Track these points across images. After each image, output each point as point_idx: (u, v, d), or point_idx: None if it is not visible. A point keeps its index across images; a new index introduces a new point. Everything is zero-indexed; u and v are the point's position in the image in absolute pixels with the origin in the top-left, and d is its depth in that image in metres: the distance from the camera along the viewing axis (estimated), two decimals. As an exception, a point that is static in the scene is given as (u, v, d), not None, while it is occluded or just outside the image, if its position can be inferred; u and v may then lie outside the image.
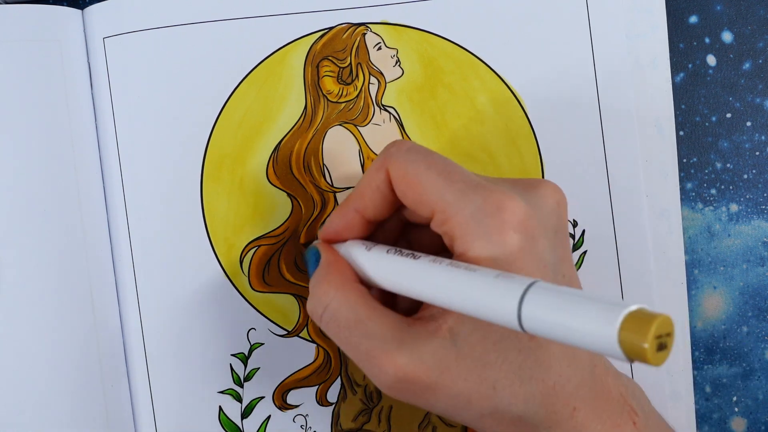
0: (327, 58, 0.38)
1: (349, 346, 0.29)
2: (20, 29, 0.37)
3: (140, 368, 0.38)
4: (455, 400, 0.28)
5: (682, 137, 0.40)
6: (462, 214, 0.28)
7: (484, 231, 0.27)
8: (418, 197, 0.29)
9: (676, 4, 0.40)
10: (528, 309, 0.23)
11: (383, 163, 0.30)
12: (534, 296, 0.23)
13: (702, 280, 0.40)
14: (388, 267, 0.29)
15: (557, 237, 0.29)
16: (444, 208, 0.28)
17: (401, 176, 0.30)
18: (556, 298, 0.22)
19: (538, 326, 0.23)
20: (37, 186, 0.37)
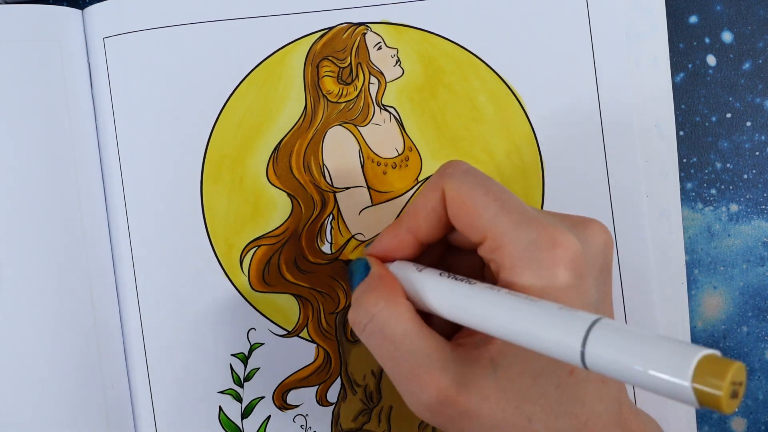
0: (327, 58, 0.39)
1: (392, 361, 0.29)
2: (20, 29, 0.37)
3: (140, 368, 0.38)
4: (491, 430, 0.28)
5: (682, 137, 0.40)
6: (516, 245, 0.28)
7: (536, 264, 0.27)
8: (472, 221, 0.29)
9: (676, 4, 0.40)
10: (594, 346, 0.23)
11: (439, 183, 0.30)
12: (600, 333, 0.23)
13: (702, 280, 0.40)
14: (443, 290, 0.29)
15: (601, 276, 0.29)
16: (497, 236, 0.28)
17: (456, 197, 0.29)
18: (624, 337, 0.22)
19: (603, 364, 0.22)
20: (37, 186, 0.37)
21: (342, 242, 0.39)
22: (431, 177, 0.31)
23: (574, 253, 0.27)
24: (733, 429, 0.40)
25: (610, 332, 0.22)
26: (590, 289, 0.28)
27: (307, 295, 0.39)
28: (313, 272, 0.39)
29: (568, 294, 0.27)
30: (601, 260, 0.29)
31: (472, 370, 0.28)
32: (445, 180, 0.30)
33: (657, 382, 0.21)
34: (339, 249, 0.39)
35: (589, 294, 0.28)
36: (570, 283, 0.27)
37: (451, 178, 0.30)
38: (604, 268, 0.30)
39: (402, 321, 0.29)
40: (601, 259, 0.29)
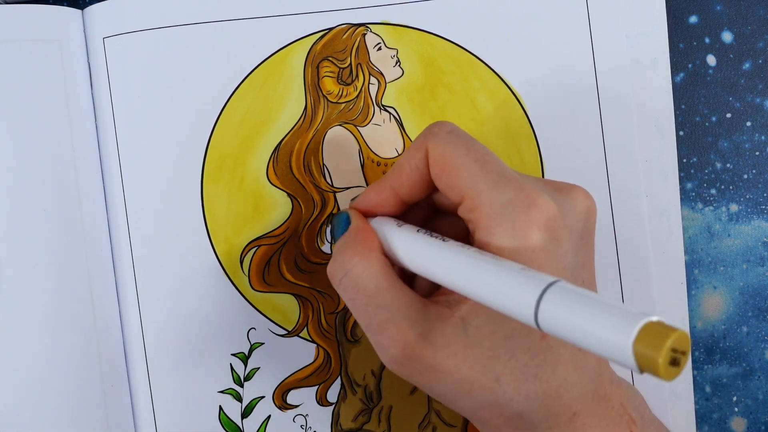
0: (327, 58, 0.39)
1: (364, 314, 0.29)
2: (20, 29, 0.37)
3: (140, 368, 0.38)
4: (457, 386, 0.28)
5: (682, 137, 0.40)
6: (492, 204, 0.28)
7: (510, 224, 0.27)
8: (451, 181, 0.29)
9: (676, 4, 0.40)
10: (546, 307, 0.23)
11: (423, 142, 0.30)
12: (553, 295, 0.23)
13: (702, 280, 0.40)
14: (415, 245, 0.30)
15: (582, 242, 0.29)
16: (474, 196, 0.28)
17: (438, 157, 0.30)
18: (575, 300, 0.22)
19: (554, 325, 0.23)
20: (37, 186, 0.37)
21: (342, 242, 0.39)
22: (417, 137, 0.31)
23: (550, 214, 0.28)
24: (733, 429, 0.40)
25: (564, 294, 0.23)
26: (567, 254, 0.28)
27: (307, 295, 0.39)
28: (313, 272, 0.39)
29: (541, 256, 0.27)
30: (582, 226, 0.29)
31: (441, 327, 0.28)
32: (429, 139, 0.30)
33: (601, 344, 0.21)
34: (339, 249, 0.39)
35: (564, 259, 0.28)
36: (543, 246, 0.27)
37: (435, 138, 0.30)
38: (585, 235, 0.30)
39: (374, 276, 0.29)
40: (582, 224, 0.29)
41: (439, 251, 0.28)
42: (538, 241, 0.27)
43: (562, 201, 0.29)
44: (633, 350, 0.20)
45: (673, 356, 0.20)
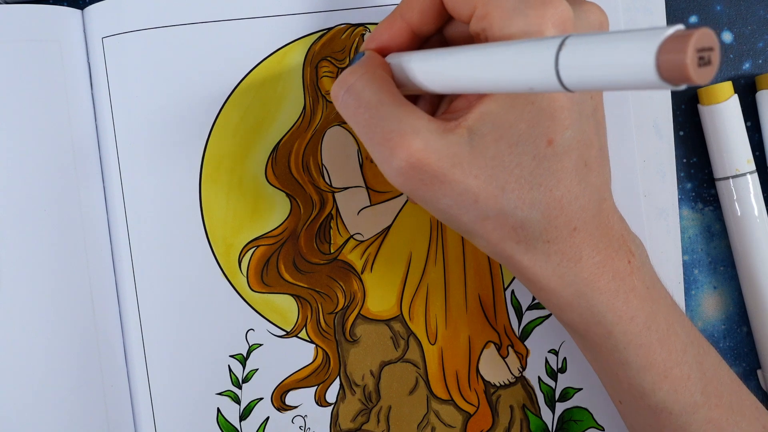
0: (326, 58, 0.39)
1: (366, 127, 0.29)
2: (20, 29, 0.38)
3: (140, 368, 0.38)
4: (462, 197, 0.28)
5: (682, 137, 0.41)
6: (504, 4, 0.27)
7: (523, 21, 0.27)
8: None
9: (676, 4, 0.41)
10: (565, 57, 0.22)
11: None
12: (571, 45, 0.22)
13: (702, 280, 0.41)
14: (423, 59, 0.29)
15: None
16: (485, 1, 0.28)
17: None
18: (592, 42, 0.21)
19: (577, 74, 0.22)
20: (37, 186, 0.37)
21: (341, 242, 0.39)
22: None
23: (564, 14, 0.27)
24: (734, 430, 0.40)
25: (580, 41, 0.22)
26: None
27: (305, 296, 0.39)
28: (311, 272, 0.39)
29: None
30: None
31: (447, 137, 0.28)
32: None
33: (627, 70, 0.20)
34: (338, 249, 0.39)
35: None
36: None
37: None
38: None
39: (377, 89, 0.29)
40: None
41: (448, 54, 0.28)
42: (550, 33, 0.27)
43: (575, 8, 0.29)
44: (657, 63, 0.19)
45: (700, 56, 0.19)
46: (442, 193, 0.29)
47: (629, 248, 0.31)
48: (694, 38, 0.19)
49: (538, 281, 0.31)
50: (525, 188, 0.28)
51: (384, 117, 0.29)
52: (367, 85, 0.30)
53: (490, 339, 0.40)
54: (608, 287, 0.30)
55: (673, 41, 0.19)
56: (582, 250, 0.30)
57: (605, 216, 0.31)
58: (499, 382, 0.40)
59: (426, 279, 0.39)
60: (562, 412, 0.40)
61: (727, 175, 0.39)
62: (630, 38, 0.20)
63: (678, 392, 0.31)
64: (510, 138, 0.28)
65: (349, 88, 0.30)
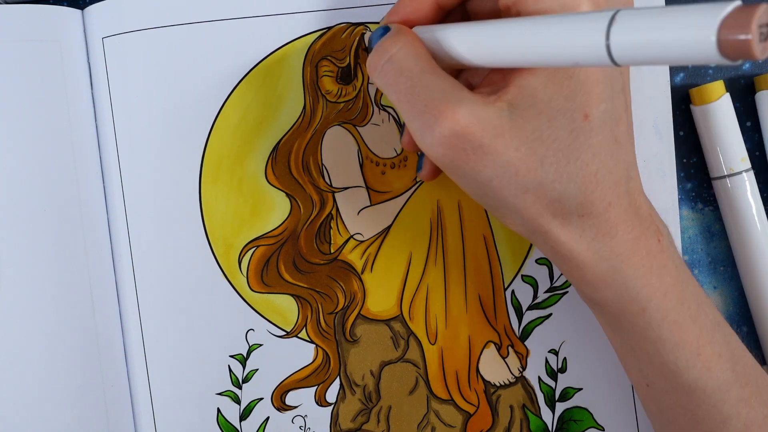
0: (326, 57, 0.39)
1: (408, 95, 0.29)
2: (20, 29, 0.38)
3: (140, 369, 0.39)
4: (503, 169, 0.29)
5: (682, 137, 0.41)
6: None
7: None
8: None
9: (676, 3, 0.41)
10: (617, 33, 0.22)
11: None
12: (622, 21, 0.22)
13: (702, 280, 0.41)
14: (458, 34, 0.29)
15: None
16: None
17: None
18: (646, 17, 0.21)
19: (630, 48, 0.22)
20: (37, 186, 0.38)
21: (341, 242, 0.39)
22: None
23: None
24: (734, 430, 0.41)
25: (634, 16, 0.22)
26: None
27: (305, 296, 0.39)
28: (311, 272, 0.39)
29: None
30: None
31: (488, 109, 0.28)
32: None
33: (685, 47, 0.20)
34: (338, 249, 0.39)
35: None
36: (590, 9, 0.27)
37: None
38: None
39: (420, 59, 0.30)
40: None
41: (493, 26, 0.27)
42: (586, 7, 0.27)
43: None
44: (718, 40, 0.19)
45: (761, 31, 0.19)
46: (483, 164, 0.29)
47: (658, 227, 0.32)
48: (758, 14, 0.19)
49: (573, 257, 0.31)
50: (562, 162, 0.29)
51: (427, 86, 0.29)
52: (410, 55, 0.30)
53: (490, 339, 0.40)
54: (642, 263, 0.31)
55: (735, 17, 0.19)
56: (617, 225, 0.30)
57: (635, 194, 0.31)
58: (499, 382, 0.40)
59: (426, 279, 0.40)
60: (562, 412, 0.40)
61: (722, 174, 0.40)
62: (688, 14, 0.20)
63: (711, 369, 0.32)
64: (549, 112, 0.28)
65: (391, 57, 0.30)
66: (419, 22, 0.32)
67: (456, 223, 0.40)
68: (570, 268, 0.32)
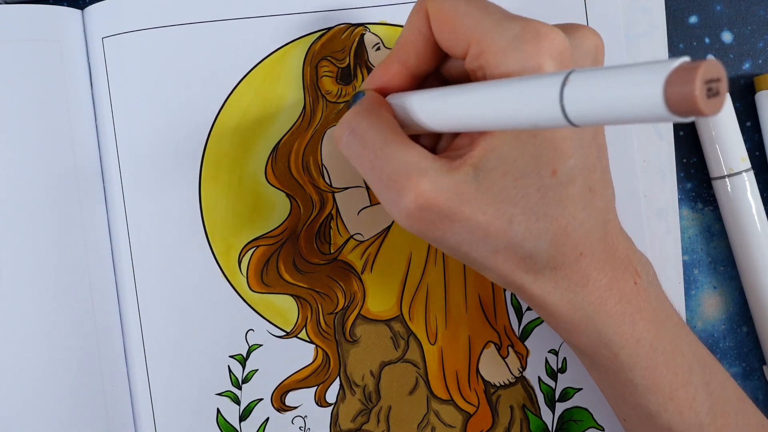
0: (326, 58, 0.39)
1: (372, 170, 0.30)
2: (20, 29, 0.38)
3: (140, 369, 0.39)
4: (472, 234, 0.29)
5: (682, 137, 0.41)
6: (498, 41, 0.27)
7: (521, 56, 0.27)
8: (455, 31, 0.29)
9: (676, 4, 0.41)
10: (570, 93, 0.22)
11: (422, 5, 0.31)
12: (575, 81, 0.22)
13: (702, 280, 0.41)
14: (420, 101, 0.29)
15: None
16: (480, 38, 0.28)
17: (438, 12, 0.30)
18: (597, 76, 0.21)
19: (582, 108, 0.22)
20: (37, 186, 0.38)
21: (341, 242, 0.39)
22: (416, 2, 0.31)
23: (561, 45, 0.27)
24: (734, 430, 0.41)
25: (584, 75, 0.22)
26: None
27: (305, 296, 0.39)
28: (311, 273, 0.39)
29: None
30: (591, 62, 0.30)
31: (453, 175, 0.28)
32: (427, 1, 0.31)
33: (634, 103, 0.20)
34: (338, 249, 0.39)
35: None
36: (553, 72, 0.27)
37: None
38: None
39: (383, 130, 0.30)
40: (591, 62, 0.30)
41: (449, 93, 0.28)
42: (547, 69, 0.27)
43: (570, 37, 0.29)
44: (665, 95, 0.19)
45: (708, 87, 0.19)
46: (452, 231, 0.29)
47: (635, 269, 0.32)
48: (702, 69, 0.19)
49: (548, 307, 0.31)
50: (531, 219, 0.29)
51: (389, 158, 0.29)
52: (371, 126, 0.30)
53: (490, 339, 0.40)
54: (615, 310, 0.31)
55: (680, 73, 0.19)
56: (589, 274, 0.30)
57: (611, 238, 0.31)
58: (499, 382, 0.40)
59: (426, 279, 0.40)
60: (562, 412, 0.40)
61: (722, 174, 0.40)
62: (636, 72, 0.20)
63: (683, 413, 0.32)
64: (515, 172, 0.28)
65: (353, 130, 0.30)
66: (395, 89, 0.33)
67: (456, 223, 0.40)
68: (546, 316, 0.32)
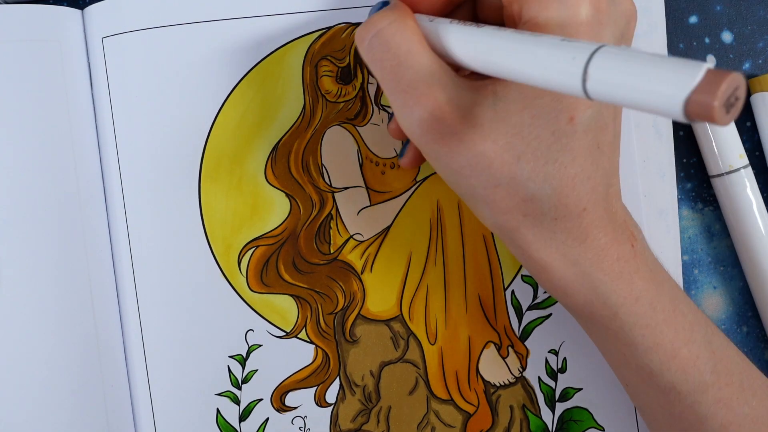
0: (326, 57, 0.39)
1: (392, 74, 0.29)
2: (20, 29, 0.38)
3: (140, 369, 0.39)
4: (477, 159, 0.29)
5: (682, 137, 0.41)
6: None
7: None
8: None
9: (676, 4, 0.41)
10: (595, 70, 0.22)
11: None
12: (602, 58, 0.22)
13: (702, 280, 0.41)
14: (450, 32, 0.29)
15: (622, 42, 0.30)
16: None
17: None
18: (625, 58, 0.21)
19: (603, 87, 0.22)
20: (37, 186, 0.38)
21: (340, 242, 0.40)
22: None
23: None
24: (734, 430, 0.41)
25: (612, 56, 0.22)
26: (608, 41, 0.28)
27: (305, 296, 0.39)
28: (311, 273, 0.39)
29: (585, 32, 0.27)
30: (624, 25, 0.30)
31: (472, 96, 0.28)
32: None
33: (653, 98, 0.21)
34: (337, 249, 0.40)
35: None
36: (589, 22, 0.27)
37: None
38: (626, 36, 0.30)
39: (408, 38, 0.29)
40: (624, 23, 0.30)
41: (473, 35, 0.28)
42: (585, 16, 0.27)
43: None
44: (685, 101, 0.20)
45: (727, 99, 0.20)
46: (457, 151, 0.29)
47: (632, 233, 0.32)
48: (726, 83, 0.19)
49: (540, 258, 0.31)
50: (540, 161, 0.29)
51: (412, 66, 0.29)
52: (398, 32, 0.29)
53: (490, 339, 0.40)
54: (612, 268, 0.31)
55: (704, 83, 0.19)
56: (589, 231, 0.30)
57: (611, 201, 0.31)
58: (499, 382, 0.40)
59: (426, 279, 0.40)
60: (562, 412, 0.40)
61: (720, 171, 0.40)
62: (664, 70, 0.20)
63: (687, 372, 0.32)
64: (534, 109, 0.28)
65: (378, 32, 0.30)
66: (425, 9, 0.32)
67: (456, 223, 0.40)
68: (537, 270, 0.32)
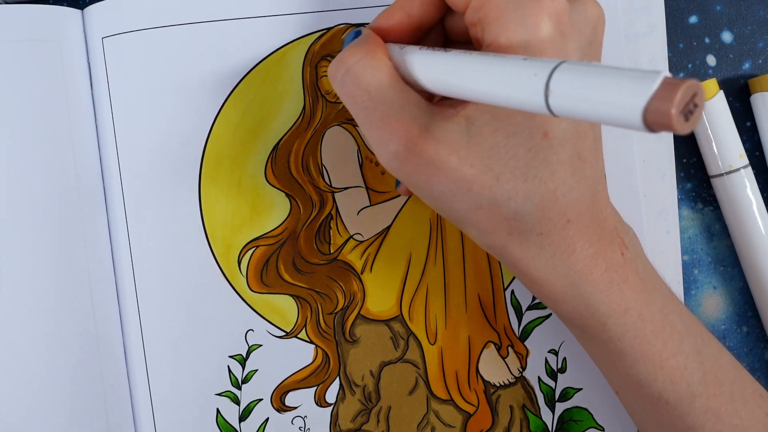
0: (326, 58, 0.39)
1: (364, 111, 0.30)
2: (20, 29, 0.38)
3: (140, 369, 0.39)
4: (456, 185, 0.29)
5: (681, 137, 0.41)
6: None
7: (520, 14, 0.27)
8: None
9: (675, 4, 0.41)
10: (556, 86, 0.22)
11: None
12: (563, 73, 0.22)
13: (702, 280, 0.41)
14: (417, 59, 0.29)
15: (590, 49, 0.30)
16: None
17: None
18: (584, 73, 0.22)
19: (565, 102, 0.22)
20: (37, 186, 0.38)
21: (340, 242, 0.40)
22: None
23: (560, 7, 0.27)
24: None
25: (573, 70, 0.22)
26: (574, 53, 0.28)
27: (305, 296, 0.40)
28: (311, 273, 0.40)
29: (549, 48, 0.27)
30: (590, 31, 0.30)
31: (444, 124, 0.29)
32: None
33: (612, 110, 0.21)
34: (337, 249, 0.40)
35: (571, 57, 0.28)
36: (552, 37, 0.27)
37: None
38: (593, 43, 0.30)
39: (378, 73, 0.30)
40: (590, 30, 0.30)
41: (440, 59, 0.28)
42: (546, 33, 0.27)
43: (572, 4, 0.29)
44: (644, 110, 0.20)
45: (685, 106, 0.20)
46: (436, 179, 0.29)
47: (622, 240, 0.32)
48: (682, 90, 0.20)
49: (531, 273, 0.31)
50: (519, 180, 0.29)
51: (383, 100, 0.29)
52: (368, 68, 0.30)
53: (490, 339, 0.40)
54: (601, 279, 0.31)
55: (660, 91, 0.20)
56: (575, 242, 0.30)
57: (599, 208, 0.31)
58: (499, 382, 0.40)
59: (426, 279, 0.40)
60: (562, 412, 0.40)
61: (720, 171, 0.40)
62: (621, 81, 0.21)
63: (675, 383, 0.32)
64: (507, 129, 0.28)
65: (348, 70, 0.30)
66: (395, 37, 0.33)
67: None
68: (529, 283, 0.32)
